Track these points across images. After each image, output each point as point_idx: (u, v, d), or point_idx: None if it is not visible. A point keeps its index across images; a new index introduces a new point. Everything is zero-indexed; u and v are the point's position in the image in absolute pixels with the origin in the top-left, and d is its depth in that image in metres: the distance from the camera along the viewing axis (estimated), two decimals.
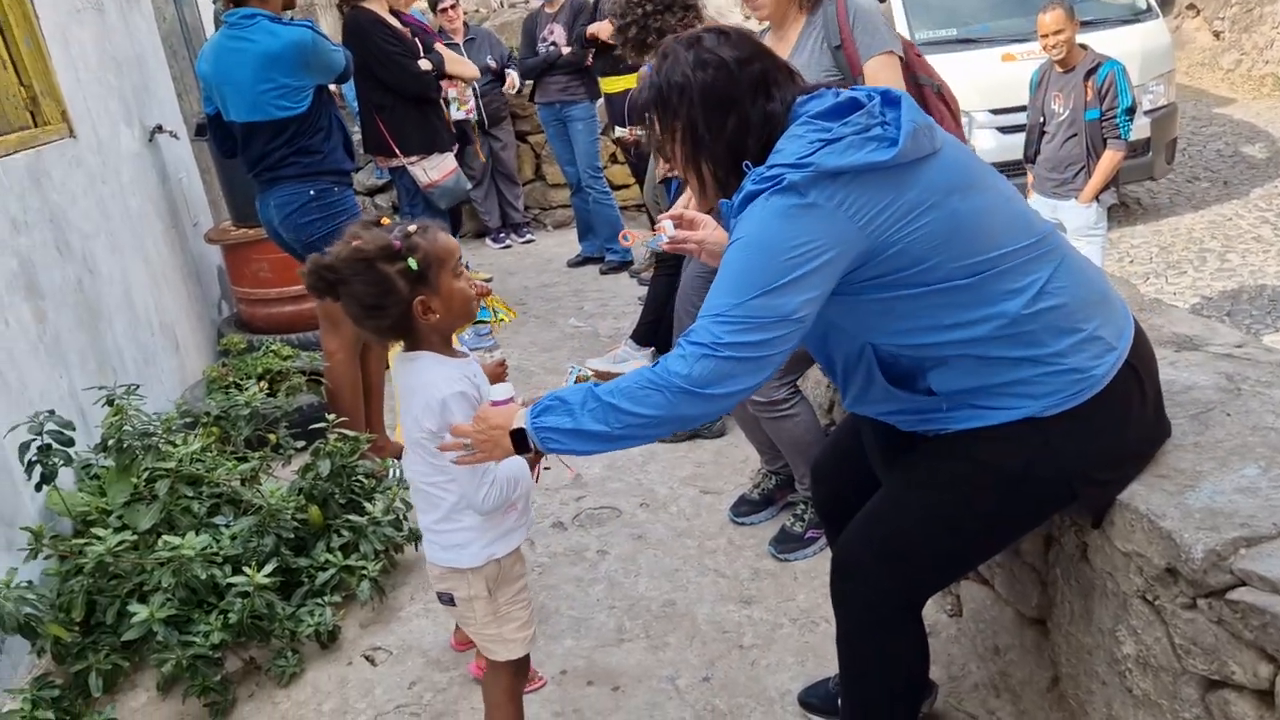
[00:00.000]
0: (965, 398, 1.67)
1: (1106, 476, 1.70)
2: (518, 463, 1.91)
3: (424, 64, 4.72)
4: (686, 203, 3.44)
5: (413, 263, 1.79)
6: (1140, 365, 1.70)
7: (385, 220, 1.87)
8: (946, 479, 1.75)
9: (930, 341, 1.64)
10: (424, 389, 1.86)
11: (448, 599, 2.04)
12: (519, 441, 1.70)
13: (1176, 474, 1.71)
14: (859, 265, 1.58)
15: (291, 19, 3.55)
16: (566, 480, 3.56)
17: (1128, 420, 1.69)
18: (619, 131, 5.11)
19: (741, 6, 3.42)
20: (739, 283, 1.55)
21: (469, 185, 4.96)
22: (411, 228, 1.83)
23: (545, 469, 2.18)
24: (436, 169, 4.80)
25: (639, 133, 4.72)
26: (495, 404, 1.84)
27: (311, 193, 3.50)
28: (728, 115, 1.64)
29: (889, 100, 1.60)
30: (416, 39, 4.81)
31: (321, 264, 1.82)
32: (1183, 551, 1.54)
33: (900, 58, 2.68)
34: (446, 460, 1.85)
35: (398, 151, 4.81)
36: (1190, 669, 1.59)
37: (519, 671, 2.13)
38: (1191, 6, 11.59)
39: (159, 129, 4.44)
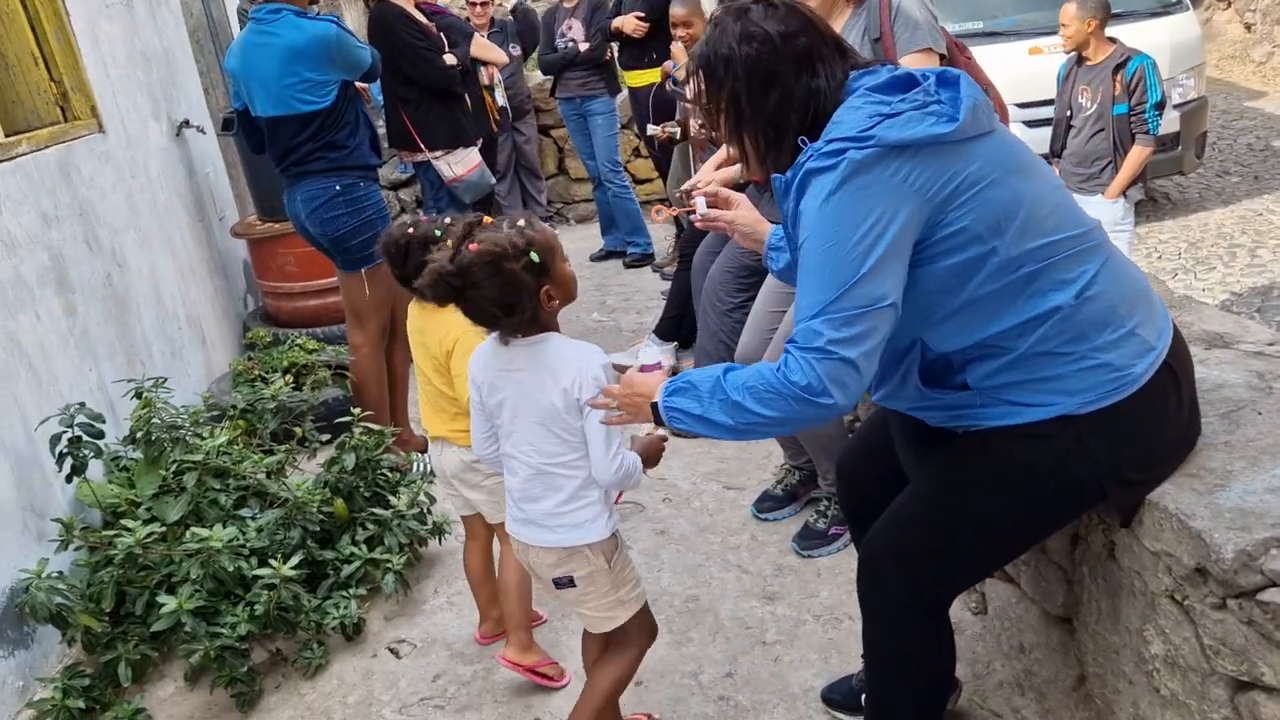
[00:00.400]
0: (1000, 393, 1.66)
1: (1139, 477, 1.68)
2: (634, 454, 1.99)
3: (449, 58, 4.73)
4: (718, 163, 3.45)
5: (535, 255, 1.81)
6: (1178, 366, 1.69)
7: (488, 219, 1.89)
8: (975, 477, 1.74)
9: (983, 336, 1.62)
10: (576, 362, 1.89)
11: (566, 582, 2.02)
12: (657, 413, 1.74)
13: (1207, 473, 1.69)
14: (924, 237, 1.57)
15: (318, 14, 3.57)
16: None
17: (1164, 421, 1.68)
18: (651, 130, 5.03)
19: None
20: (827, 279, 1.54)
21: (493, 180, 4.96)
22: (520, 222, 1.86)
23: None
24: (461, 163, 4.80)
25: (671, 129, 4.69)
26: (645, 368, 1.86)
27: (338, 187, 3.53)
28: (770, 90, 1.63)
29: (944, 80, 1.59)
30: (442, 33, 4.82)
31: (446, 272, 1.79)
32: (1213, 551, 1.53)
33: (943, 56, 2.67)
34: (585, 434, 1.91)
35: (422, 146, 4.82)
36: (1219, 670, 1.58)
37: (649, 632, 2.15)
38: None
39: (186, 123, 4.47)
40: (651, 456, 2.04)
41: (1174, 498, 1.65)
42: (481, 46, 5.26)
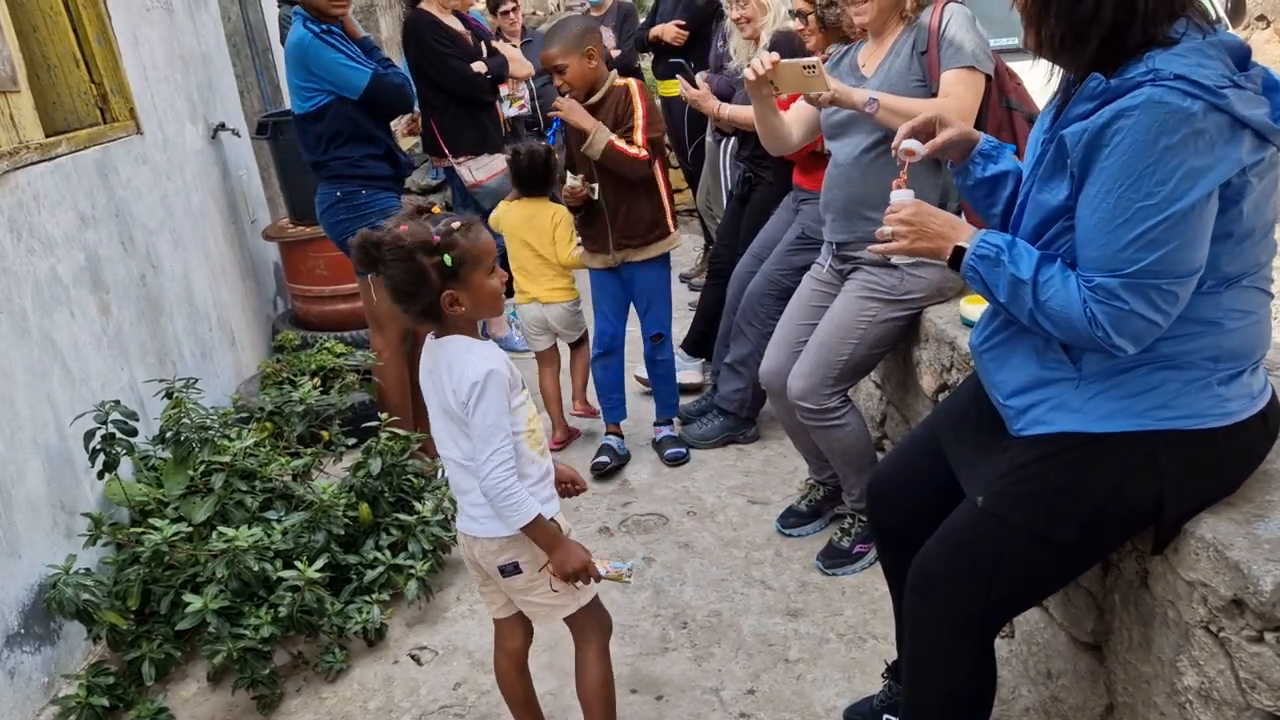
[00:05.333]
0: (1102, 384, 1.64)
1: (1192, 508, 1.66)
2: (549, 508, 1.99)
3: (478, 66, 4.75)
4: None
5: (448, 259, 1.85)
6: (1274, 420, 1.68)
7: (436, 209, 1.92)
8: (1035, 487, 1.70)
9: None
10: (460, 366, 1.91)
11: (512, 569, 2.03)
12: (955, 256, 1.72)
13: (1245, 503, 1.66)
14: None
15: (340, 20, 3.60)
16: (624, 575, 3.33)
17: (1237, 464, 1.68)
18: (571, 181, 3.57)
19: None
20: (1151, 239, 1.49)
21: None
22: (455, 224, 1.88)
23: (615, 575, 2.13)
24: (483, 169, 4.83)
25: (591, 185, 3.59)
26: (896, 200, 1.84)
27: (338, 194, 3.61)
28: None
29: (1271, 84, 1.52)
30: (482, 41, 4.85)
31: (370, 240, 1.87)
32: (1251, 583, 1.50)
33: (988, 76, 2.65)
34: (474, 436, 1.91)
35: (447, 152, 4.87)
36: (1255, 704, 1.54)
37: (603, 625, 2.16)
38: (1262, 18, 11.32)
39: (222, 127, 4.51)
40: (571, 569, 1.99)
41: (1211, 527, 1.62)
42: (510, 59, 5.28)
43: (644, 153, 3.40)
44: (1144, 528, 1.72)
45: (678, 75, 3.99)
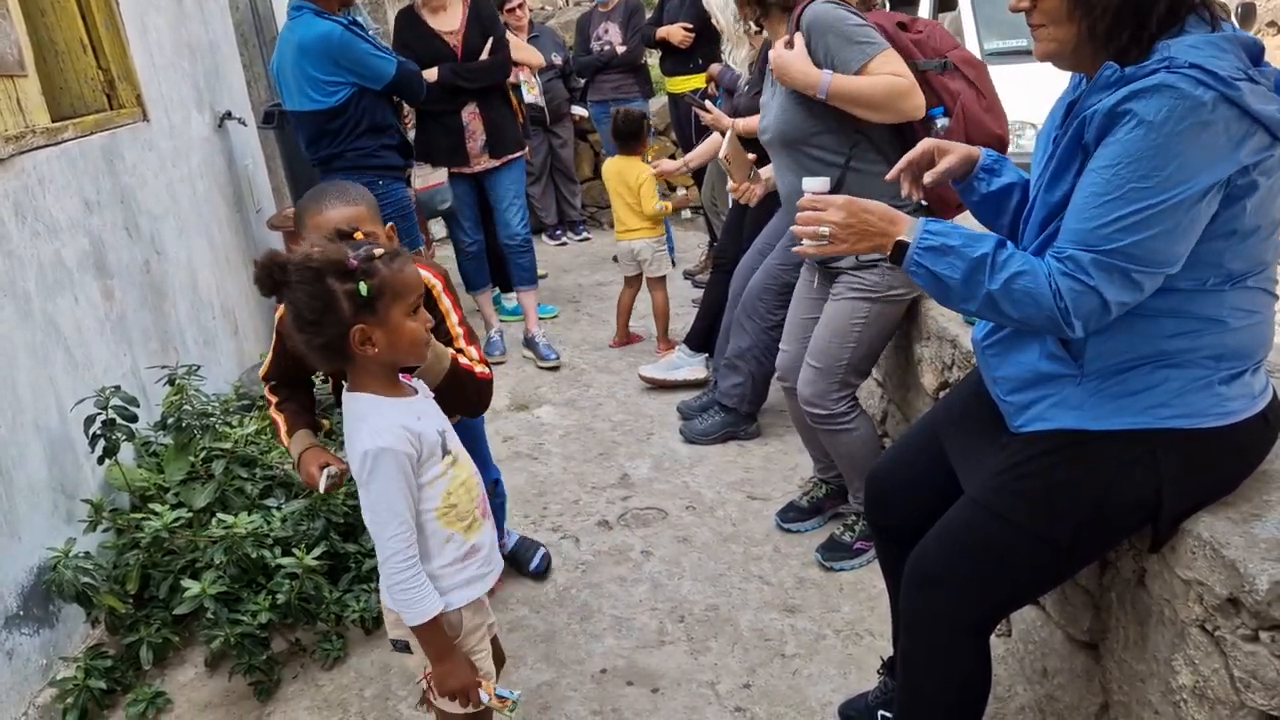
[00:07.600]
0: (1104, 380, 1.64)
1: (1189, 507, 1.66)
2: (468, 593, 1.82)
3: (430, 74, 4.55)
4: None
5: (364, 287, 1.62)
6: (1273, 420, 1.68)
7: (359, 235, 1.71)
8: (1032, 485, 1.70)
9: (1162, 331, 1.60)
10: (357, 435, 1.70)
11: (403, 646, 1.87)
12: (898, 250, 1.69)
13: (1242, 502, 1.66)
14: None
15: (349, 15, 3.63)
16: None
17: (1236, 464, 1.68)
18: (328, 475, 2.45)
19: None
20: (1139, 220, 1.48)
21: (447, 203, 4.83)
22: (378, 250, 1.66)
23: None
24: (421, 179, 4.78)
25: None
26: (815, 195, 1.80)
27: None
28: None
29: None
30: (492, 38, 4.85)
31: (274, 262, 1.64)
32: (1246, 582, 1.50)
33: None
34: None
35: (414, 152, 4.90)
36: (1249, 703, 1.54)
37: None
38: (1273, 24, 11.29)
39: (228, 115, 4.52)
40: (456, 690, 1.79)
41: (1208, 525, 1.62)
42: (518, 46, 5.30)
43: (487, 369, 2.23)
44: (1142, 526, 1.72)
45: (690, 101, 4.57)
